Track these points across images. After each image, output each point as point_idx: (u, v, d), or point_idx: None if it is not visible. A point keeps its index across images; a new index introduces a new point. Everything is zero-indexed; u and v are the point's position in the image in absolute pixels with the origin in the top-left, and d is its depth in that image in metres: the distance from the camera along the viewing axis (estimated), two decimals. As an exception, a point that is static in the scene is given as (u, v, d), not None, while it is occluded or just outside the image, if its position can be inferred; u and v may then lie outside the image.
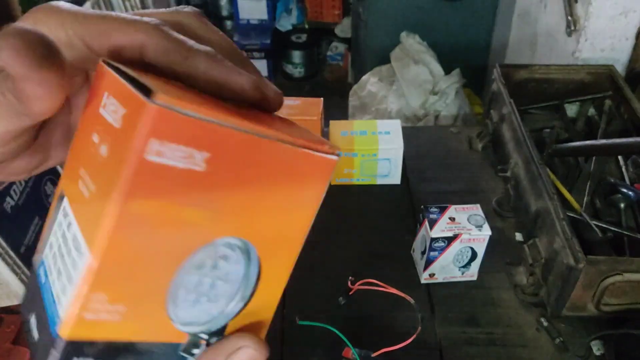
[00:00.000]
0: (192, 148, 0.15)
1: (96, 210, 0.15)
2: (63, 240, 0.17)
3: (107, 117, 0.16)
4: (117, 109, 0.15)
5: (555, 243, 0.54)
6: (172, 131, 0.14)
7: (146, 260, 0.16)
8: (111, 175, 0.15)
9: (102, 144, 0.16)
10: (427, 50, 1.32)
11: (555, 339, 0.54)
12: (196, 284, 0.17)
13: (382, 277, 0.59)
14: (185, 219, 0.16)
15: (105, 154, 0.15)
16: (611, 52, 0.83)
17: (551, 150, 0.69)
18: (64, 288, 0.16)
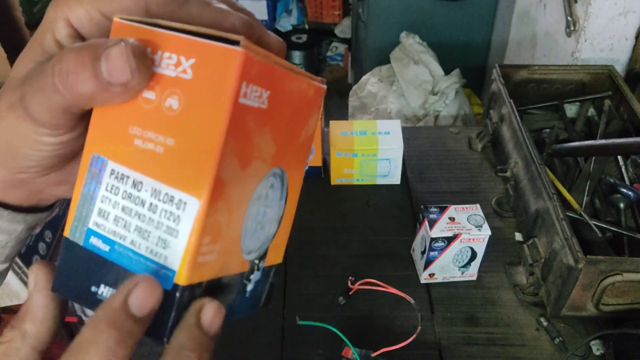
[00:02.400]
0: (262, 88, 0.17)
1: (191, 158, 0.16)
2: (131, 201, 0.17)
3: (166, 72, 0.16)
4: (180, 61, 0.16)
5: (555, 243, 0.54)
6: (254, 74, 0.16)
7: (236, 196, 0.17)
8: (202, 123, 0.16)
9: (168, 97, 0.16)
10: (427, 51, 1.32)
11: (555, 338, 0.54)
12: (257, 214, 0.19)
13: (382, 277, 0.59)
14: (257, 154, 0.18)
15: (179, 107, 0.16)
16: (611, 52, 0.83)
17: (551, 150, 0.69)
18: (164, 242, 0.16)
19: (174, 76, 0.16)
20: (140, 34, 0.16)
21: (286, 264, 0.62)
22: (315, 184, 0.72)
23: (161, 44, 0.16)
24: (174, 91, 0.16)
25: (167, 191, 0.16)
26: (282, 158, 0.19)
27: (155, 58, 0.16)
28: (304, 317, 0.55)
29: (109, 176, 0.17)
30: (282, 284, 0.60)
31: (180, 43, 0.16)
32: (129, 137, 0.17)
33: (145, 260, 0.16)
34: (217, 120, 0.16)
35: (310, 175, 0.72)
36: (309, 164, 0.71)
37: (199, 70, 0.16)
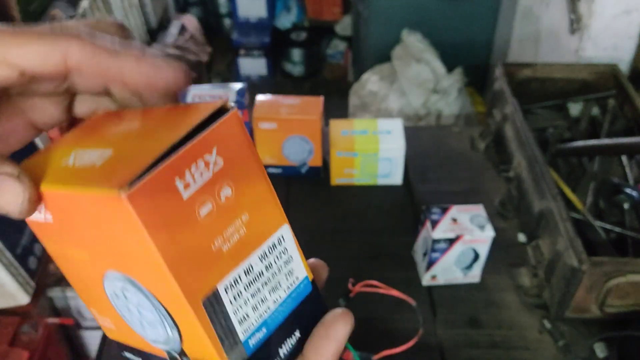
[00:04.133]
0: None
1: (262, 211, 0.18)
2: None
3: (200, 179, 0.16)
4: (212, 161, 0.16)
5: (559, 244, 0.53)
6: None
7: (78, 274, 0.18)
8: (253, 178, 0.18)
9: (219, 192, 0.17)
10: (428, 49, 1.31)
11: (559, 341, 0.54)
12: (127, 310, 0.18)
13: (383, 279, 0.58)
14: (73, 257, 0.18)
15: (232, 190, 0.17)
16: (614, 50, 0.82)
17: (554, 150, 0.68)
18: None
19: (212, 175, 0.16)
20: (160, 179, 0.15)
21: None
22: (315, 184, 0.71)
23: (181, 167, 0.16)
24: (221, 183, 0.17)
25: (268, 245, 0.18)
26: (120, 265, 0.17)
27: (186, 181, 0.16)
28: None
29: (226, 295, 0.17)
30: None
31: (197, 146, 0.16)
32: (217, 253, 0.17)
33: None
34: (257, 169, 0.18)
35: (310, 175, 0.71)
36: (309, 164, 0.71)
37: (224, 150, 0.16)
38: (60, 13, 1.20)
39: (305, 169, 0.71)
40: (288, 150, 0.69)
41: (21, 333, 0.67)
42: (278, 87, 2.14)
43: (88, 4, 1.28)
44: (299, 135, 0.67)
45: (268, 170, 0.72)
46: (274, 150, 0.69)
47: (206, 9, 2.22)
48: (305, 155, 0.70)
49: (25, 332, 0.67)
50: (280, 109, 0.66)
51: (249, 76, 2.15)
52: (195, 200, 0.16)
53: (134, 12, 1.50)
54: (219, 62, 2.15)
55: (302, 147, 0.69)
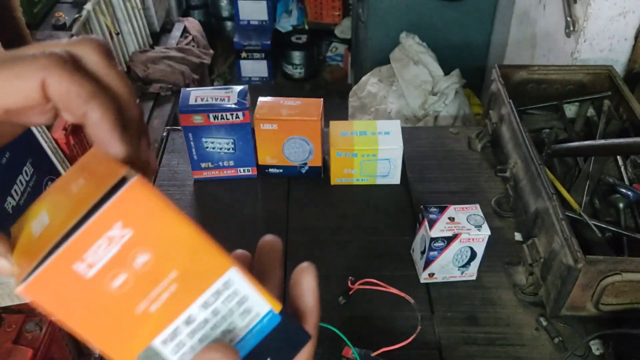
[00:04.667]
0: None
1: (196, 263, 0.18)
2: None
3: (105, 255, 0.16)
4: (118, 235, 0.16)
5: (555, 243, 0.54)
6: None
7: None
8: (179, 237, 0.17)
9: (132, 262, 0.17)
10: (426, 51, 1.33)
11: (554, 338, 0.54)
12: None
13: (381, 277, 0.59)
14: None
15: (149, 255, 0.17)
16: (610, 52, 0.83)
17: (550, 151, 0.69)
18: None
19: (121, 247, 0.16)
20: (52, 270, 0.16)
21: (286, 264, 0.62)
22: (315, 184, 0.72)
23: (78, 252, 0.16)
24: (133, 252, 0.17)
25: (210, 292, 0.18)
26: None
27: (87, 262, 0.16)
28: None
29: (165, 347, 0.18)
30: (283, 284, 0.60)
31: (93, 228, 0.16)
32: (143, 315, 0.17)
33: None
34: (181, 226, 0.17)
35: (310, 175, 0.72)
36: (309, 164, 0.72)
37: (132, 221, 0.16)
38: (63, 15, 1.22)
39: (306, 169, 0.72)
40: (288, 151, 0.70)
41: (25, 331, 0.68)
42: (279, 88, 2.15)
43: (91, 6, 1.29)
44: (299, 136, 0.68)
45: (269, 170, 0.73)
46: (275, 151, 0.70)
47: (208, 12, 2.24)
48: (305, 155, 0.71)
49: (29, 330, 0.68)
50: (280, 110, 0.67)
51: (250, 78, 2.16)
52: (102, 276, 0.16)
53: (137, 15, 1.52)
54: (220, 65, 2.16)
55: (302, 148, 0.70)
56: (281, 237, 0.74)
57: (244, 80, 2.14)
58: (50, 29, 1.19)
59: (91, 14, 1.30)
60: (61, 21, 1.20)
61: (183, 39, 1.66)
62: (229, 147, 0.69)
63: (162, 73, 1.45)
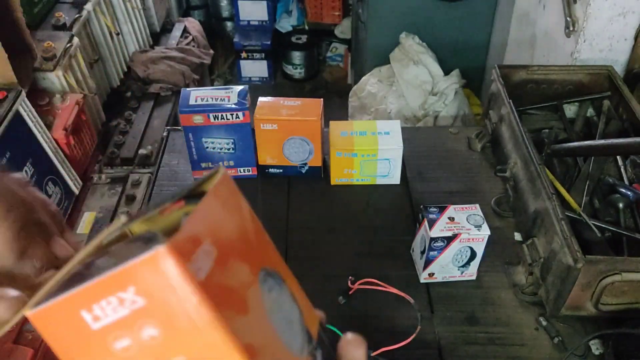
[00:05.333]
0: (199, 247, 0.16)
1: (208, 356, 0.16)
2: None
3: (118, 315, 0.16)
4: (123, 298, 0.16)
5: (554, 243, 0.54)
6: (187, 250, 0.16)
7: (262, 337, 0.17)
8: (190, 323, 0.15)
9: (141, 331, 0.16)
10: (426, 51, 1.33)
11: (554, 338, 0.54)
12: (282, 319, 0.19)
13: (381, 277, 0.59)
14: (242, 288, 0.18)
15: (159, 330, 0.16)
16: (610, 52, 0.83)
17: (550, 151, 0.69)
18: None
19: (129, 312, 0.16)
20: (62, 308, 0.16)
21: (286, 263, 0.63)
22: (315, 184, 0.72)
23: (88, 301, 0.16)
24: (141, 322, 0.16)
25: None
26: (255, 262, 0.19)
27: (95, 314, 0.16)
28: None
29: None
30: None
31: (107, 283, 0.16)
32: None
33: None
34: (201, 311, 0.15)
35: (310, 175, 0.72)
36: (309, 164, 0.72)
37: (146, 291, 0.16)
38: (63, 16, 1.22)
39: (306, 169, 0.72)
40: (289, 151, 0.70)
41: (25, 331, 0.68)
42: (279, 89, 2.15)
43: (92, 6, 1.30)
44: (300, 136, 0.68)
45: (269, 170, 0.73)
46: (275, 151, 0.70)
47: (208, 12, 2.24)
48: (305, 155, 0.71)
49: (29, 330, 0.68)
50: (281, 111, 0.67)
51: (250, 78, 2.16)
52: (107, 333, 0.16)
53: (137, 15, 1.52)
54: (220, 65, 2.17)
55: (302, 148, 0.70)
56: (281, 237, 0.74)
57: (244, 80, 2.14)
58: (50, 29, 1.19)
59: (91, 14, 1.30)
60: (61, 21, 1.20)
61: (183, 39, 1.66)
62: (229, 147, 0.70)
63: (163, 73, 1.45)
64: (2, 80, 0.94)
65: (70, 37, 1.17)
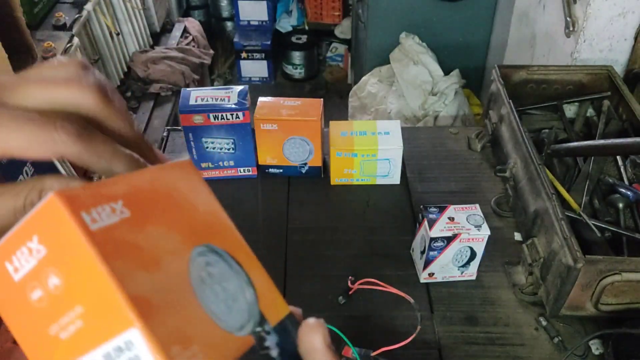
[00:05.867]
0: (110, 203, 0.17)
1: (103, 305, 0.16)
2: None
3: (28, 267, 0.16)
4: (30, 248, 0.16)
5: (554, 243, 0.54)
6: (87, 199, 0.16)
7: (169, 297, 0.17)
8: (84, 272, 0.16)
9: (47, 281, 0.16)
10: (426, 51, 1.33)
11: (554, 338, 0.54)
12: (214, 294, 0.19)
13: (381, 277, 0.59)
14: (157, 251, 0.18)
15: (60, 279, 0.16)
16: (610, 52, 0.83)
17: (550, 151, 0.69)
18: None
19: (36, 263, 0.16)
20: None
21: (286, 263, 0.63)
22: (315, 184, 0.72)
23: (8, 252, 0.17)
24: (46, 272, 0.16)
25: (113, 346, 0.16)
26: (196, 237, 0.19)
27: (14, 265, 0.17)
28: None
29: None
30: (282, 284, 0.60)
31: (18, 234, 0.16)
32: (54, 338, 0.17)
33: None
34: (88, 258, 0.16)
35: (310, 175, 0.73)
36: (309, 164, 0.72)
37: (46, 240, 0.16)
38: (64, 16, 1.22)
39: (306, 169, 0.72)
40: (289, 151, 0.70)
41: None
42: (279, 89, 2.15)
43: (92, 6, 1.30)
44: (300, 136, 0.68)
45: (269, 170, 0.73)
46: (275, 151, 0.70)
47: (208, 12, 2.24)
48: (305, 155, 0.71)
49: (29, 329, 0.68)
50: (281, 111, 0.67)
51: (250, 78, 2.16)
52: (24, 284, 0.17)
53: (137, 15, 1.52)
54: (221, 65, 2.17)
55: (302, 148, 0.70)
56: (281, 237, 0.74)
57: (244, 80, 2.14)
58: (51, 29, 1.19)
59: (91, 14, 1.30)
60: (61, 21, 1.20)
61: (183, 39, 1.67)
62: (229, 147, 0.70)
63: (163, 73, 1.45)
64: (2, 80, 0.94)
65: (70, 37, 1.17)
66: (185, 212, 0.20)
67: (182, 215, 0.19)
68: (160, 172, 0.20)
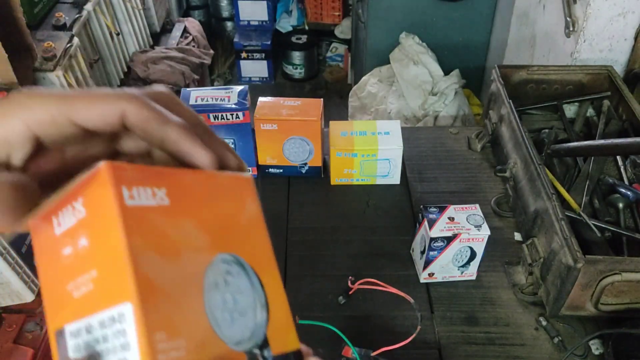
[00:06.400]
0: (152, 187, 0.17)
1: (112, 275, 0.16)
2: (91, 346, 0.17)
3: (70, 223, 0.18)
4: (75, 207, 0.17)
5: (554, 243, 0.54)
6: (131, 178, 0.17)
7: (174, 290, 0.17)
8: (107, 240, 0.17)
9: (78, 241, 0.17)
10: (426, 51, 1.33)
11: (554, 338, 0.54)
12: (223, 302, 0.19)
13: (381, 277, 0.59)
14: (181, 244, 0.18)
15: (88, 242, 0.17)
16: (610, 53, 0.83)
17: (550, 151, 0.69)
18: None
19: (76, 222, 0.17)
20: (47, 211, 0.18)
21: (286, 263, 0.63)
22: (315, 184, 0.72)
23: (58, 207, 0.18)
24: (80, 232, 0.17)
25: (108, 315, 0.16)
26: (226, 245, 0.19)
27: (59, 220, 0.18)
28: (304, 316, 0.55)
29: (70, 339, 0.18)
30: (282, 284, 0.60)
31: (71, 193, 0.18)
32: (69, 295, 0.17)
33: None
34: (114, 228, 0.16)
35: (310, 175, 0.73)
36: (309, 164, 0.72)
37: (88, 203, 0.17)
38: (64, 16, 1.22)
39: (306, 169, 0.72)
40: (289, 151, 0.70)
41: (26, 331, 0.68)
42: (279, 88, 2.15)
43: (92, 6, 1.30)
44: (299, 136, 0.68)
45: (269, 170, 0.73)
46: (275, 151, 0.70)
47: (208, 12, 2.24)
48: (305, 155, 0.71)
49: (29, 330, 0.68)
50: (281, 111, 0.67)
51: (250, 78, 2.16)
52: (62, 239, 0.18)
53: (137, 15, 1.52)
54: (221, 65, 2.17)
55: (302, 148, 0.70)
56: (281, 237, 0.74)
57: (244, 80, 2.14)
58: (51, 29, 1.19)
59: (91, 14, 1.30)
60: (61, 21, 1.20)
61: (183, 39, 1.67)
62: (229, 147, 0.70)
63: (163, 73, 1.45)
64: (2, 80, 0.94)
65: (70, 37, 1.17)
66: (224, 218, 0.20)
67: (219, 220, 0.20)
68: (217, 177, 0.20)
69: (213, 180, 0.20)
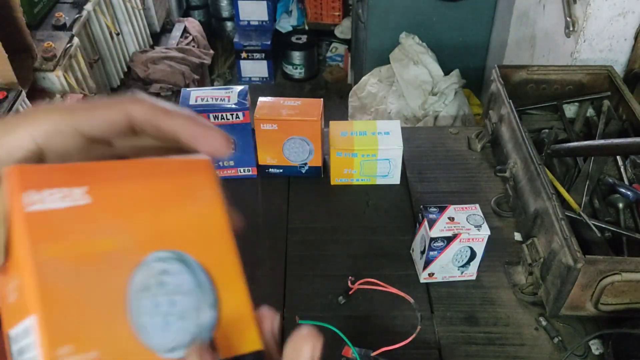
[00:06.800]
0: (67, 187, 0.16)
1: (22, 285, 0.15)
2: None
3: None
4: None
5: (554, 243, 0.54)
6: (39, 180, 0.16)
7: (88, 299, 0.16)
8: (18, 247, 0.16)
9: None
10: (426, 51, 1.33)
11: (554, 338, 0.54)
12: (154, 306, 0.17)
13: (381, 277, 0.59)
14: (100, 246, 0.17)
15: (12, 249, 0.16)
16: (610, 53, 0.83)
17: (550, 151, 0.69)
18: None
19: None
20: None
21: (286, 263, 0.63)
22: (315, 184, 0.72)
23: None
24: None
25: (23, 327, 0.16)
26: (167, 241, 0.18)
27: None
28: (304, 316, 0.55)
29: (12, 344, 0.17)
30: (282, 284, 0.60)
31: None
32: (8, 300, 0.17)
33: None
34: (20, 235, 0.16)
35: (310, 175, 0.73)
36: (309, 164, 0.72)
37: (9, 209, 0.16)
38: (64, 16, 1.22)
39: (306, 169, 0.72)
40: (289, 151, 0.70)
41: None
42: (279, 88, 2.15)
43: (92, 6, 1.30)
44: (299, 136, 0.68)
45: (269, 170, 0.73)
46: (275, 151, 0.70)
47: (208, 12, 2.24)
48: (305, 155, 0.71)
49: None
50: (281, 111, 0.67)
51: (250, 78, 2.16)
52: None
53: (137, 15, 1.52)
54: (220, 65, 2.17)
55: (302, 148, 0.70)
56: (281, 237, 0.74)
57: (244, 80, 2.14)
58: (51, 29, 1.19)
59: (91, 14, 1.30)
60: (61, 21, 1.20)
61: (183, 39, 1.67)
62: (229, 147, 0.70)
63: (163, 73, 1.45)
64: (2, 80, 0.94)
65: (70, 37, 1.17)
66: (165, 212, 0.18)
67: (158, 214, 0.18)
68: (166, 164, 0.19)
69: (159, 168, 0.19)
